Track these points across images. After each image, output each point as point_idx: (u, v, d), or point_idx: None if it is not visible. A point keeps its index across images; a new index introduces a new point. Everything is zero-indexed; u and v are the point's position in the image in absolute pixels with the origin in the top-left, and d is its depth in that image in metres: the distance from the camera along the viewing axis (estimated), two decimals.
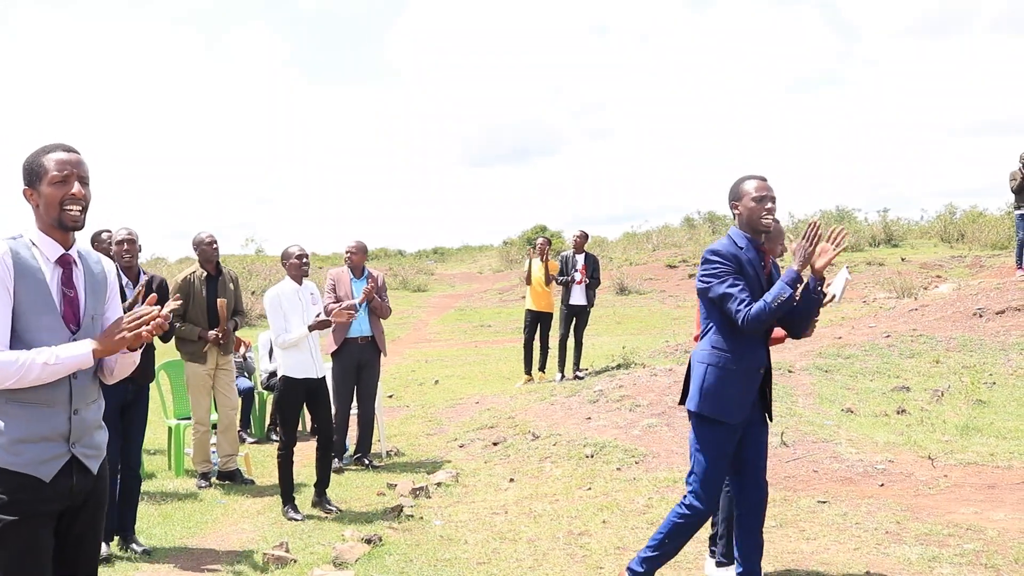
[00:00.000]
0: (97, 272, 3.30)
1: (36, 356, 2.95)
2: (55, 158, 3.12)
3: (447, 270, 40.64)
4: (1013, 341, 12.10)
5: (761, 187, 4.55)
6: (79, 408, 3.13)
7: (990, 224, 28.91)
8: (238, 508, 7.40)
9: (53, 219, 3.12)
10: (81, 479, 3.14)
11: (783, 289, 4.32)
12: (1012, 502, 6.54)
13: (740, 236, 4.59)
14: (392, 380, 14.26)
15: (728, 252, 4.48)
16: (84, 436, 3.15)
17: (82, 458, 3.13)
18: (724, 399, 4.48)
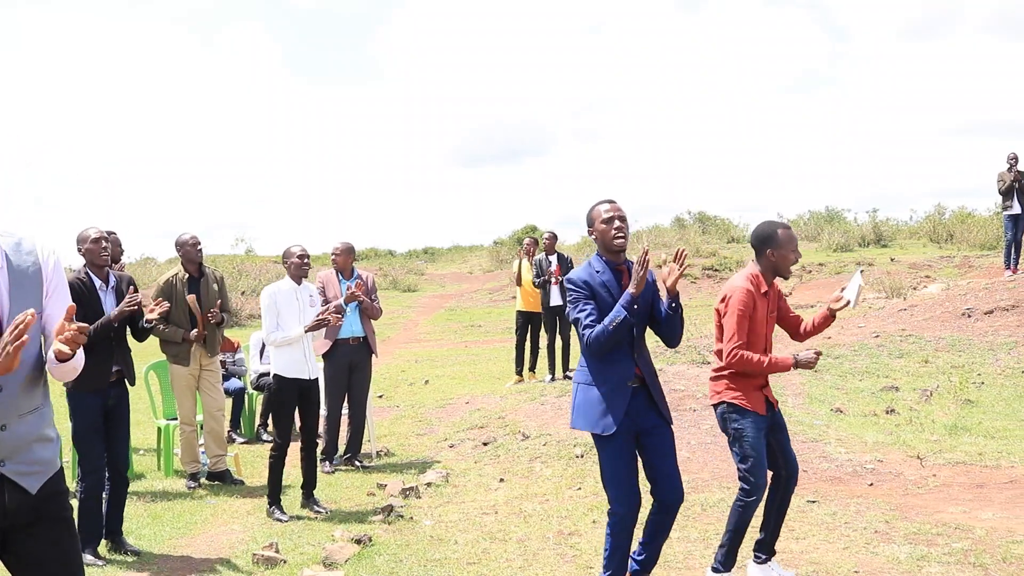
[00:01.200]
0: (25, 267, 2.95)
1: None
2: None
3: (437, 270, 40.61)
4: (1001, 341, 12.15)
5: (610, 209, 4.71)
6: (7, 423, 2.82)
7: (979, 225, 29.04)
8: (228, 508, 7.39)
9: None
10: (15, 498, 2.84)
11: (618, 312, 4.50)
12: (1000, 501, 6.56)
13: (597, 260, 4.76)
14: (382, 380, 14.25)
15: (579, 279, 4.67)
16: (16, 453, 2.85)
17: (13, 476, 2.84)
18: (591, 414, 4.66)
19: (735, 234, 35.16)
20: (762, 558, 5.21)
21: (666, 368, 10.96)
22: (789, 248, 4.98)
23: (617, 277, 4.71)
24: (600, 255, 4.78)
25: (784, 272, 5.02)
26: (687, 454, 8.13)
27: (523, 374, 13.04)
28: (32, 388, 2.91)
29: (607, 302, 4.61)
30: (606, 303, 4.61)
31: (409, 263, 41.59)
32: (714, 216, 39.31)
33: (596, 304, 4.62)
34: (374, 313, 8.72)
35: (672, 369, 10.97)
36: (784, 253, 4.97)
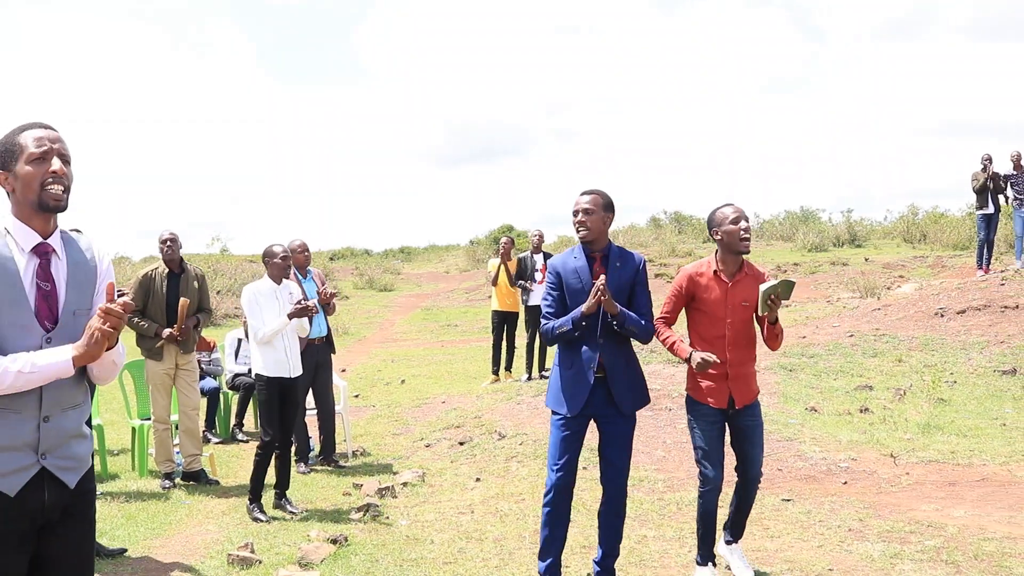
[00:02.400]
0: (87, 260, 2.96)
1: (10, 364, 2.67)
2: (33, 135, 2.82)
3: (414, 270, 40.54)
4: (973, 340, 12.25)
5: (576, 202, 4.91)
6: (51, 415, 2.81)
7: (952, 225, 29.27)
8: (203, 508, 7.35)
9: (32, 201, 2.80)
10: (55, 494, 2.83)
11: (566, 322, 4.83)
12: (972, 499, 6.63)
13: (578, 247, 5.01)
14: (358, 380, 14.22)
15: (552, 266, 5.02)
16: (57, 446, 2.82)
17: (55, 471, 2.82)
18: (557, 395, 4.95)
19: None
20: (727, 539, 5.33)
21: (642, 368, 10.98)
22: (728, 222, 4.96)
23: (591, 263, 4.91)
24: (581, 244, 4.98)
25: (737, 246, 4.97)
26: (663, 453, 8.16)
27: (499, 374, 13.04)
28: (77, 383, 2.91)
29: (575, 288, 4.87)
30: (574, 289, 4.88)
31: (385, 262, 41.48)
32: (690, 216, 39.44)
33: (561, 293, 4.91)
34: (333, 311, 8.78)
35: (648, 368, 10.99)
36: (727, 228, 4.96)
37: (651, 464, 7.85)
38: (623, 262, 4.93)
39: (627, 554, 5.68)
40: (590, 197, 4.89)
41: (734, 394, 5.04)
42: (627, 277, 4.90)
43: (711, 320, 5.02)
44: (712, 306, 5.02)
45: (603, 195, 4.93)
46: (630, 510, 6.57)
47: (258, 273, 28.34)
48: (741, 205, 4.98)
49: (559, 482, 4.91)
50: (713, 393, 5.04)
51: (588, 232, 4.86)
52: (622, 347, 4.96)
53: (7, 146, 2.84)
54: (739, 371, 5.05)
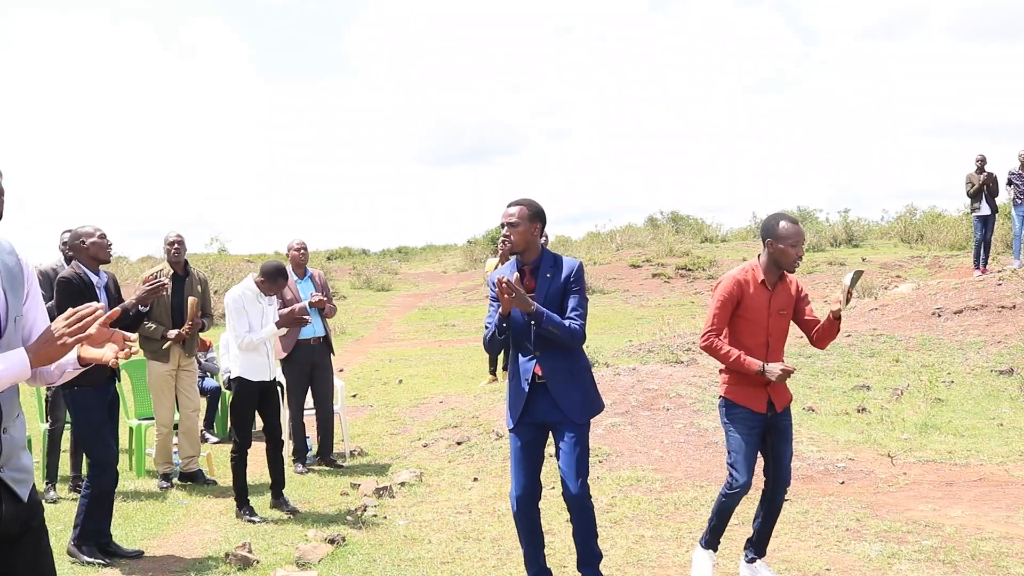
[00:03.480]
0: (12, 266, 2.85)
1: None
2: None
3: (411, 269, 40.51)
4: (971, 340, 12.27)
5: (503, 215, 4.85)
6: (8, 426, 2.73)
7: (949, 225, 29.29)
8: (200, 509, 7.35)
9: None
10: (10, 507, 2.75)
11: (490, 328, 4.85)
12: (969, 499, 6.64)
13: (514, 259, 4.96)
14: (356, 379, 14.21)
15: (490, 278, 4.80)
16: (12, 458, 2.75)
17: (10, 483, 2.74)
18: (508, 407, 4.98)
19: (708, 234, 35.29)
20: (750, 556, 5.21)
21: (640, 367, 10.99)
22: (789, 243, 4.90)
23: (522, 276, 4.86)
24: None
25: (786, 265, 4.96)
26: (660, 453, 8.16)
27: (497, 374, 13.04)
28: (16, 391, 2.82)
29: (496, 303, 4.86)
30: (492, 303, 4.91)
31: (383, 262, 41.44)
32: (687, 216, 39.46)
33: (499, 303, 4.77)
34: (332, 313, 8.77)
35: (646, 368, 11.00)
36: (783, 247, 4.91)
37: (649, 464, 7.86)
38: (555, 271, 4.83)
39: (624, 554, 5.69)
40: (516, 209, 4.82)
41: (774, 398, 5.01)
42: (558, 285, 4.81)
43: (753, 328, 4.96)
44: (756, 313, 4.96)
45: (530, 205, 4.83)
46: (628, 510, 6.59)
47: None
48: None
49: (518, 496, 4.90)
50: (753, 398, 4.99)
51: (513, 244, 4.83)
52: (565, 353, 4.83)
53: None
54: None
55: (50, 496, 7.57)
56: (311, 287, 8.70)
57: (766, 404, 5.00)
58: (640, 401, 9.64)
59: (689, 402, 9.62)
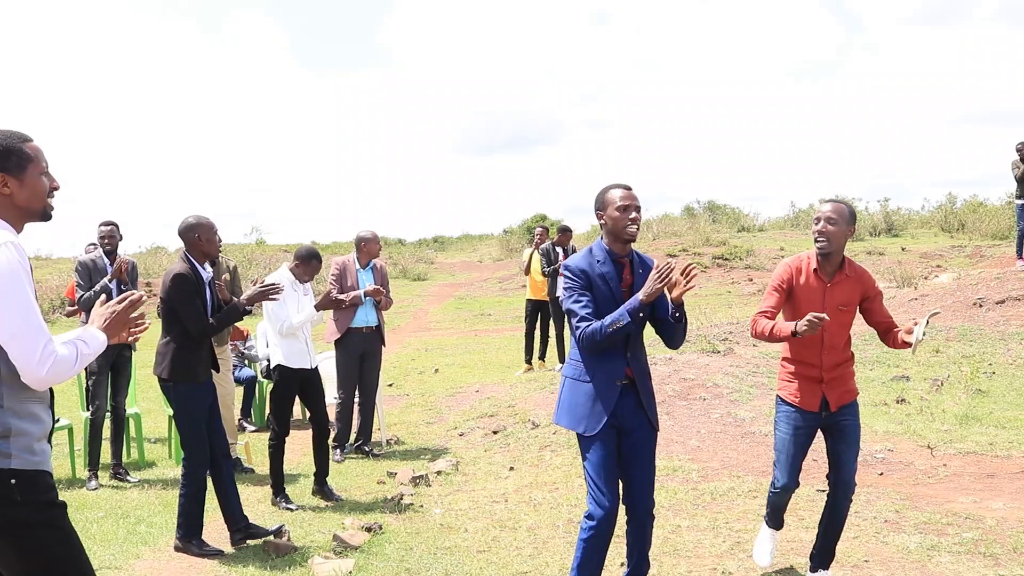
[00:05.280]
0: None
1: (80, 347, 2.90)
2: (36, 147, 2.99)
3: (447, 259, 40.63)
4: (1013, 331, 12.11)
5: (626, 196, 4.42)
6: (51, 402, 3.01)
7: (990, 214, 28.89)
8: None
9: (37, 211, 2.99)
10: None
11: (621, 315, 4.25)
12: (1011, 491, 6.56)
13: (599, 248, 4.48)
14: (392, 369, 14.27)
15: (577, 267, 4.41)
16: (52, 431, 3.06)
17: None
18: (576, 412, 4.42)
19: (745, 223, 35.10)
20: (812, 567, 5.04)
21: (676, 357, 10.96)
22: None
23: (618, 270, 4.46)
24: (603, 244, 4.49)
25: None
26: (696, 443, 8.13)
27: (532, 363, 13.05)
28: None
29: (604, 295, 4.39)
30: (604, 296, 4.39)
31: (419, 252, 41.63)
32: (724, 205, 39.29)
33: (592, 296, 4.38)
34: (387, 305, 8.81)
35: (683, 358, 10.95)
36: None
37: (685, 454, 7.83)
38: (644, 268, 4.55)
39: (661, 544, 5.67)
40: (634, 193, 4.48)
41: (828, 397, 4.81)
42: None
43: (802, 316, 4.65)
44: (809, 306, 4.71)
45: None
46: (664, 500, 6.57)
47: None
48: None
49: (604, 523, 4.36)
50: (803, 395, 4.82)
51: (637, 231, 4.45)
52: (644, 353, 4.59)
53: (13, 151, 2.93)
54: (835, 374, 4.83)
55: (91, 485, 7.66)
56: (371, 277, 8.73)
57: (819, 403, 4.81)
58: (677, 391, 9.61)
59: (726, 392, 9.58)
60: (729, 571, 5.23)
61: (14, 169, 2.92)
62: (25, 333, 2.76)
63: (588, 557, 4.39)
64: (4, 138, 2.93)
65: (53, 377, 2.81)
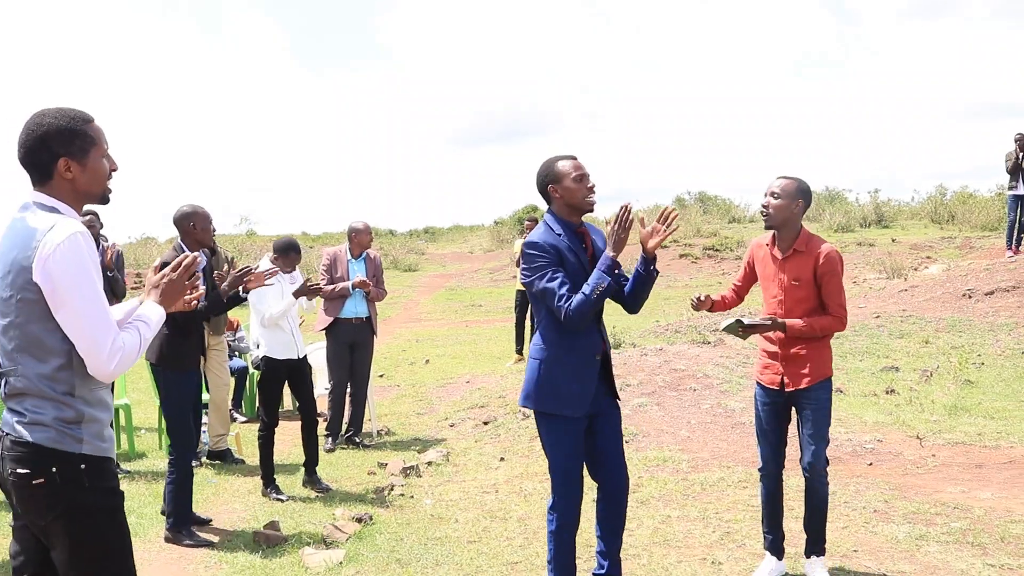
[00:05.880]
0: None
1: (142, 332, 2.90)
2: (99, 128, 2.94)
3: (438, 250, 40.58)
4: (1002, 322, 12.15)
5: (578, 165, 4.34)
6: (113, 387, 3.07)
7: (980, 205, 28.95)
8: (228, 487, 7.41)
9: (97, 194, 2.95)
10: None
11: (601, 278, 4.15)
12: (999, 481, 6.58)
13: (555, 221, 4.36)
14: (383, 359, 14.26)
15: (547, 243, 4.25)
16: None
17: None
18: (561, 393, 4.28)
19: (736, 214, 35.10)
20: (807, 551, 5.06)
21: (667, 348, 10.97)
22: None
23: (578, 240, 4.36)
24: (556, 216, 4.38)
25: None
26: (687, 433, 8.14)
27: (523, 353, 13.06)
28: None
29: (575, 267, 4.26)
30: (574, 268, 4.26)
31: (410, 243, 41.56)
32: (715, 196, 39.27)
33: (565, 270, 4.24)
34: (379, 297, 8.79)
35: (673, 349, 10.97)
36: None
37: (675, 444, 7.85)
38: (599, 235, 4.50)
39: (651, 534, 5.69)
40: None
41: (786, 375, 4.86)
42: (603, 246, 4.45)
43: (767, 296, 4.90)
44: (767, 281, 4.91)
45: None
46: (654, 490, 6.59)
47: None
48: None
49: (573, 513, 4.36)
50: (765, 372, 4.95)
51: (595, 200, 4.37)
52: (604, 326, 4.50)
53: (78, 134, 2.87)
54: (791, 353, 4.83)
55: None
56: (362, 268, 8.72)
57: (779, 381, 4.87)
58: (667, 382, 9.62)
59: (716, 383, 9.60)
60: (719, 561, 5.25)
61: (77, 153, 2.87)
62: (94, 329, 2.75)
63: (562, 549, 4.37)
64: (69, 120, 2.87)
65: (120, 370, 2.82)
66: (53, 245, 2.71)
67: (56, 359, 2.78)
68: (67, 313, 2.73)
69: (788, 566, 5.11)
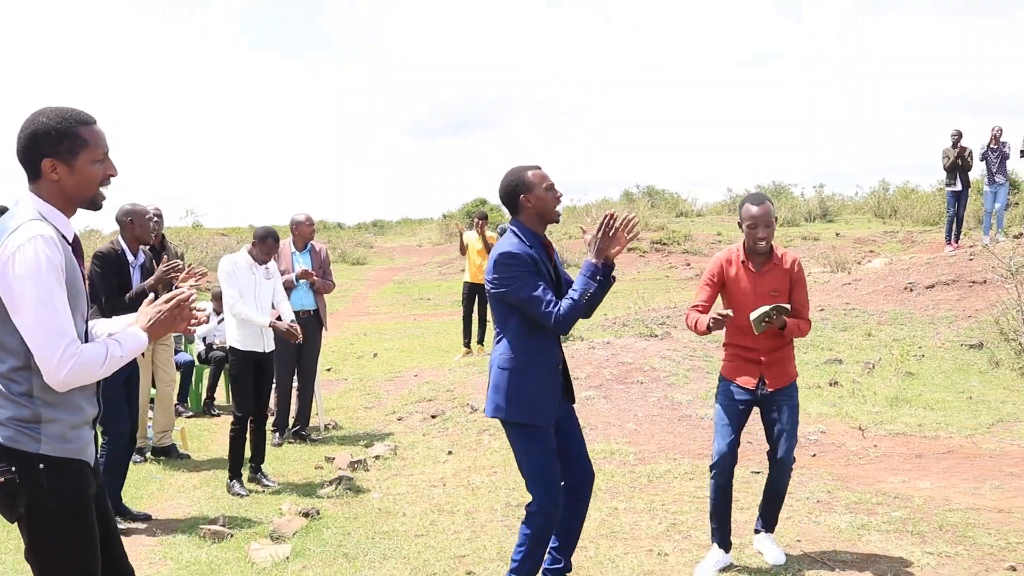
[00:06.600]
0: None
1: (111, 349, 2.83)
2: (95, 132, 2.87)
3: (386, 243, 40.41)
4: (942, 315, 12.37)
5: (546, 175, 4.38)
6: (99, 390, 3.04)
7: (922, 200, 29.49)
8: (174, 483, 7.33)
9: (85, 199, 2.91)
10: (97, 460, 3.09)
11: (588, 284, 4.22)
12: (938, 471, 6.71)
13: (525, 232, 4.37)
14: (330, 353, 14.18)
15: (525, 254, 4.25)
16: (99, 417, 3.10)
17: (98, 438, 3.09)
18: (534, 403, 4.30)
19: (683, 208, 35.38)
20: (756, 528, 5.26)
21: (614, 341, 11.04)
22: (747, 224, 4.90)
23: (544, 250, 4.39)
24: (523, 226, 4.39)
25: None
26: (634, 426, 8.20)
27: (471, 346, 13.05)
28: None
29: (546, 278, 4.29)
30: (545, 279, 4.28)
31: (358, 236, 41.32)
32: (662, 190, 39.51)
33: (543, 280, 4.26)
34: (327, 289, 8.72)
35: (620, 342, 11.04)
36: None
37: (622, 437, 7.90)
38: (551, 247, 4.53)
39: (597, 526, 5.72)
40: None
41: (767, 377, 4.99)
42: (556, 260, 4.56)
43: (742, 310, 4.89)
44: (741, 296, 4.95)
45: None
46: (601, 482, 6.62)
47: (230, 247, 28.15)
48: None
49: (555, 514, 4.36)
50: (743, 374, 5.01)
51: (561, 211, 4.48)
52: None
53: (67, 135, 2.82)
54: (773, 356, 5.01)
55: None
56: (308, 260, 8.64)
57: (756, 382, 4.99)
58: (614, 375, 9.68)
59: (663, 375, 9.67)
60: (665, 552, 5.30)
61: (65, 155, 2.82)
62: (44, 335, 2.71)
63: (536, 547, 4.37)
64: (60, 120, 2.82)
65: (74, 379, 2.77)
66: (13, 248, 2.69)
67: (13, 359, 2.76)
68: (21, 318, 2.71)
69: (733, 556, 5.17)
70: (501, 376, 4.34)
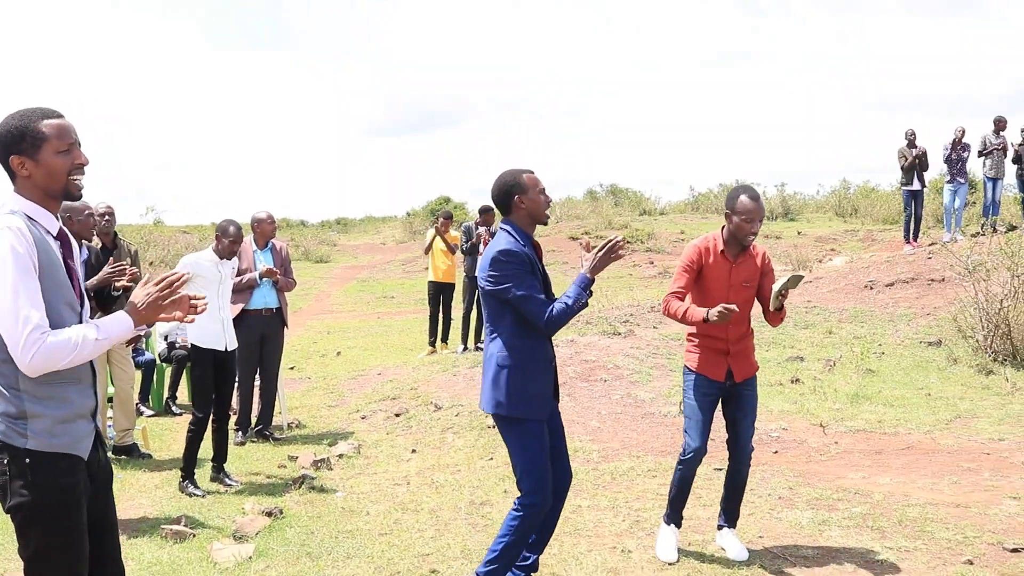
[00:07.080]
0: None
1: (86, 333, 2.84)
2: (55, 125, 2.91)
3: (350, 241, 40.28)
4: (901, 312, 12.52)
5: (538, 180, 4.50)
6: (95, 382, 3.07)
7: (882, 199, 29.80)
8: (135, 483, 7.26)
9: (57, 190, 2.95)
10: (101, 453, 3.12)
11: (580, 294, 4.35)
12: (897, 467, 6.80)
13: (518, 232, 4.45)
14: (293, 352, 14.11)
15: (522, 252, 4.36)
16: (98, 409, 3.11)
17: (99, 431, 3.12)
18: (529, 397, 4.39)
19: (647, 207, 35.52)
20: (719, 523, 5.32)
21: (577, 339, 11.06)
22: (743, 218, 4.88)
23: (534, 251, 4.48)
24: (516, 227, 4.47)
25: (740, 238, 4.92)
26: (597, 424, 8.23)
27: (436, 345, 13.04)
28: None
29: (538, 279, 4.42)
30: (538, 280, 4.41)
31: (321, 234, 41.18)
32: (626, 189, 39.70)
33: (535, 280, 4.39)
34: (288, 287, 8.66)
35: (584, 340, 11.07)
36: (738, 221, 4.88)
37: (586, 435, 7.92)
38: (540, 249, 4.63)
39: (562, 524, 5.71)
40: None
41: (733, 369, 5.07)
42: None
43: (714, 297, 4.95)
44: (715, 283, 5.00)
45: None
46: None
47: (192, 245, 27.95)
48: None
49: (545, 507, 4.44)
50: (711, 366, 5.06)
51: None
52: None
53: (24, 132, 2.88)
54: (739, 347, 5.09)
55: None
56: (269, 259, 8.58)
57: (725, 373, 5.06)
58: (578, 372, 9.71)
59: (627, 373, 9.71)
60: (628, 549, 5.32)
61: (29, 150, 2.89)
62: (6, 320, 2.76)
63: (520, 540, 4.42)
64: (21, 119, 2.89)
65: (42, 365, 2.78)
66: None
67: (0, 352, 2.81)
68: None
69: (697, 547, 5.21)
70: (497, 372, 4.42)
